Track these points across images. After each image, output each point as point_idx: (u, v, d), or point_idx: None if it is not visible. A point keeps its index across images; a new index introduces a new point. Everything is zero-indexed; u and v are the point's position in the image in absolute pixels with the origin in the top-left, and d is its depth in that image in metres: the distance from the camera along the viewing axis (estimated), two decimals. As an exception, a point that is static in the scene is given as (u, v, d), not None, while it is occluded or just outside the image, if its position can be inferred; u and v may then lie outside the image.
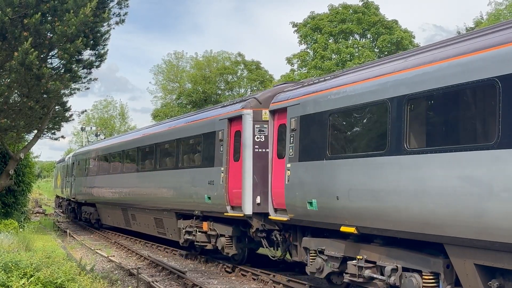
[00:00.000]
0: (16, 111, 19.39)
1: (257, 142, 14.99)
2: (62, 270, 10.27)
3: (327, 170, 11.75)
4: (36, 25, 15.92)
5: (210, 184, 16.49)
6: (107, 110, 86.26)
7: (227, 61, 66.74)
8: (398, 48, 45.44)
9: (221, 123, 16.35)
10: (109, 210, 29.24)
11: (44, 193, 77.39)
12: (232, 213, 15.61)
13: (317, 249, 12.32)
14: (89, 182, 32.24)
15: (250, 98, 15.79)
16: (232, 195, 15.60)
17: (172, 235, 20.65)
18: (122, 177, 26.01)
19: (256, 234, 15.05)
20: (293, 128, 13.07)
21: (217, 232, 16.87)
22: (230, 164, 15.78)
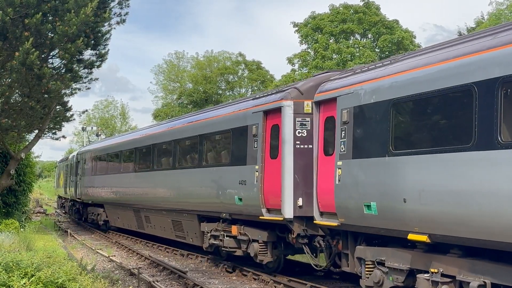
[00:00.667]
0: (17, 111, 19.31)
1: (298, 138, 13.37)
2: (63, 270, 10.22)
3: (390, 168, 10.10)
4: (37, 25, 15.85)
5: (241, 184, 14.91)
6: (108, 110, 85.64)
7: (228, 61, 66.48)
8: (399, 48, 45.26)
9: (255, 116, 14.70)
10: (119, 212, 27.24)
11: (45, 193, 77.37)
12: (268, 217, 14.01)
13: (375, 259, 10.71)
14: (97, 181, 30.21)
15: (290, 88, 14.05)
16: (269, 196, 14.02)
17: (193, 239, 18.98)
18: (134, 177, 24.13)
19: (296, 240, 13.46)
20: (344, 121, 11.53)
21: (249, 237, 15.14)
22: (266, 162, 14.18)
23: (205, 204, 17.35)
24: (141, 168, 23.49)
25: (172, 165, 20.01)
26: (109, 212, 29.20)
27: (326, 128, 12.56)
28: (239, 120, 15.57)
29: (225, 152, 16.44)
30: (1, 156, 25.38)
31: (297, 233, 13.37)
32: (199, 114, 19.61)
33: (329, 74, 13.76)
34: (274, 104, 14.02)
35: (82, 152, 35.87)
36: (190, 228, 19.07)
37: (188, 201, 18.54)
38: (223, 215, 16.11)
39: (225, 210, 16.02)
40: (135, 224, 25.19)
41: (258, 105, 14.79)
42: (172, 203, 19.96)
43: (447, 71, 9.09)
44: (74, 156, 37.71)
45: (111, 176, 27.66)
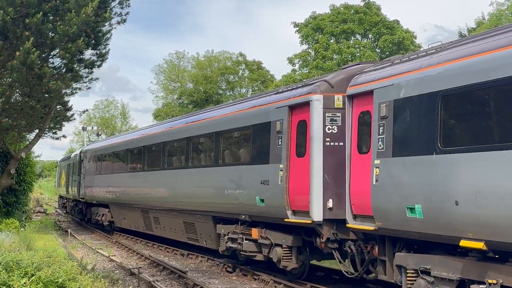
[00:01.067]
0: (18, 110, 19.32)
1: (328, 134, 12.31)
2: (63, 270, 10.18)
3: (438, 167, 9.06)
4: (38, 24, 15.83)
5: (263, 185, 13.84)
6: (108, 109, 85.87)
7: (228, 61, 66.36)
8: (399, 49, 45.28)
9: (279, 112, 13.59)
10: (126, 212, 25.71)
11: (45, 193, 77.35)
12: (294, 219, 12.87)
13: (419, 268, 9.69)
14: (102, 181, 28.61)
15: (319, 81, 12.90)
16: (294, 197, 12.93)
17: (207, 242, 17.76)
18: (143, 176, 22.77)
19: (325, 245, 12.36)
20: (383, 116, 10.55)
21: (271, 241, 13.99)
22: (292, 161, 13.10)
23: (222, 205, 16.19)
24: (151, 167, 22.14)
25: (185, 164, 18.81)
26: (115, 212, 27.78)
27: (360, 124, 11.59)
28: (261, 116, 14.47)
29: (245, 150, 15.35)
30: (1, 156, 25.39)
31: (326, 237, 12.24)
32: (215, 110, 18.38)
33: (361, 66, 12.76)
34: (302, 99, 12.87)
35: (86, 150, 34.02)
36: (204, 230, 17.93)
37: (202, 201, 17.41)
38: (242, 217, 15.01)
39: (244, 211, 14.92)
40: (142, 225, 23.83)
41: (283, 100, 13.71)
42: (184, 203, 18.78)
43: (510, 58, 8.08)
44: (77, 155, 36.07)
45: (118, 175, 26.22)
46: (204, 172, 17.42)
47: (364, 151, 11.39)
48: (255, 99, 15.83)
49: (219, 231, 16.56)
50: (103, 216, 29.21)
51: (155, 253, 21.37)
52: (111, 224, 28.70)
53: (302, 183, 12.64)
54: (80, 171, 33.51)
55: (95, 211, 31.00)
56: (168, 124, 22.02)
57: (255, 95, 17.78)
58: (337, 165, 12.14)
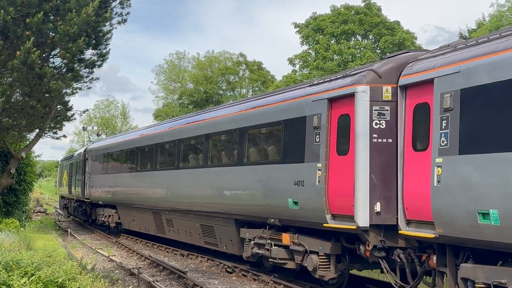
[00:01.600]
0: (18, 110, 19.31)
1: (375, 130, 10.99)
2: (63, 269, 10.15)
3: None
4: (38, 24, 15.82)
5: (297, 185, 12.55)
6: (108, 109, 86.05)
7: (228, 61, 66.32)
8: (400, 49, 45.40)
9: (316, 105, 12.21)
10: (135, 214, 24.05)
11: (45, 193, 77.45)
12: (335, 224, 11.57)
13: (492, 282, 8.45)
14: (109, 180, 27.02)
15: (364, 70, 11.48)
16: (335, 200, 11.63)
17: (228, 247, 16.44)
18: (154, 175, 21.29)
19: (371, 254, 11.04)
20: (447, 108, 9.26)
21: (305, 248, 12.61)
22: (332, 159, 11.79)
23: (247, 208, 14.81)
24: (163, 166, 20.67)
25: (203, 163, 17.44)
26: (123, 213, 26.12)
27: (416, 117, 10.32)
28: (294, 110, 13.09)
29: (274, 147, 14.00)
30: (1, 155, 25.38)
31: (373, 244, 10.92)
32: (238, 105, 16.76)
33: (413, 53, 11.50)
34: (344, 90, 11.51)
35: (91, 149, 32.27)
36: (224, 234, 16.53)
37: (223, 203, 15.99)
38: (271, 221, 13.65)
39: (273, 214, 13.58)
40: (153, 228, 22.22)
41: (320, 92, 12.30)
42: (202, 205, 17.37)
43: None
44: (81, 154, 34.30)
45: (126, 174, 24.68)
46: (226, 172, 16.04)
47: (420, 148, 10.15)
48: (286, 92, 14.40)
49: (243, 236, 15.19)
50: (110, 217, 27.70)
51: (155, 253, 21.32)
52: (118, 226, 27.15)
53: (344, 184, 11.36)
54: (85, 170, 32.04)
55: (100, 212, 29.44)
56: (184, 120, 20.35)
57: (285, 88, 15.87)
58: (386, 164, 10.91)
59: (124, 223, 26.32)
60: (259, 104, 15.04)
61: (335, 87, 11.95)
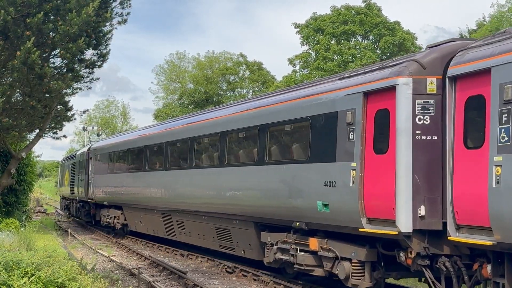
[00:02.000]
0: (18, 110, 19.30)
1: (419, 126, 10.09)
2: (63, 270, 10.15)
3: None
4: (39, 24, 15.82)
5: (327, 186, 11.59)
6: (109, 110, 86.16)
7: (229, 61, 66.33)
8: (400, 50, 45.33)
9: (350, 100, 11.29)
10: (143, 215, 22.94)
11: (46, 193, 77.37)
12: (373, 229, 10.61)
13: None
14: (115, 180, 25.91)
15: (406, 60, 10.57)
16: (372, 202, 10.69)
17: (246, 251, 15.46)
18: (165, 175, 20.23)
19: (414, 261, 10.13)
20: (508, 100, 8.41)
21: (336, 254, 11.64)
22: (369, 158, 10.85)
23: (269, 210, 13.82)
24: (175, 166, 19.65)
25: (219, 163, 16.37)
26: (129, 215, 25.09)
27: (468, 111, 9.40)
28: (323, 105, 12.11)
29: (300, 145, 13.03)
30: (2, 155, 25.36)
31: (416, 251, 10.02)
32: (258, 100, 15.63)
33: (460, 42, 10.60)
34: (383, 83, 10.60)
35: (95, 148, 31.04)
36: (242, 237, 15.53)
37: (241, 205, 14.99)
38: (297, 225, 12.65)
39: (299, 218, 12.58)
40: (163, 230, 21.14)
41: (354, 85, 11.38)
42: (217, 206, 16.33)
43: None
44: (84, 153, 33.02)
45: (134, 174, 23.55)
46: (246, 172, 14.95)
47: (473, 145, 9.26)
48: (313, 86, 13.30)
49: (264, 240, 14.17)
50: (115, 218, 26.60)
51: (155, 253, 21.30)
52: (124, 228, 26.20)
53: (383, 185, 10.43)
54: (89, 170, 30.90)
55: (105, 213, 28.38)
56: (198, 117, 19.06)
57: (312, 82, 14.72)
58: (430, 164, 10.03)
59: (130, 225, 25.35)
60: (283, 100, 13.96)
61: (372, 80, 11.00)
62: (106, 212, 28.11)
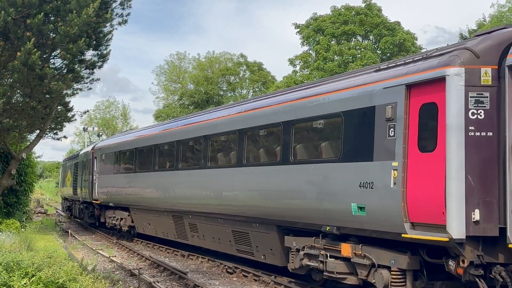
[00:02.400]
0: (19, 111, 19.30)
1: (472, 121, 9.17)
2: (63, 270, 10.16)
3: None
4: (39, 25, 15.82)
5: (363, 188, 10.64)
6: (109, 110, 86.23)
7: (229, 62, 66.37)
8: (400, 50, 45.35)
9: (390, 93, 10.32)
10: (152, 217, 21.93)
11: (46, 193, 77.37)
12: (418, 235, 9.57)
13: None
14: (121, 180, 24.81)
15: (456, 49, 9.65)
16: (417, 205, 9.67)
17: (267, 256, 14.46)
18: (176, 175, 19.14)
19: (465, 271, 9.21)
20: None
21: (372, 261, 10.66)
22: (412, 157, 9.84)
23: (294, 213, 12.79)
24: (187, 166, 18.62)
25: (237, 162, 15.33)
26: (136, 216, 23.97)
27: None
28: (358, 99, 11.16)
29: (330, 143, 12.09)
30: (2, 156, 25.33)
31: (469, 260, 9.09)
32: (282, 95, 14.48)
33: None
34: (430, 74, 9.67)
35: (100, 147, 29.63)
36: (263, 241, 14.53)
37: (263, 207, 13.99)
38: (327, 229, 11.63)
39: (330, 221, 11.62)
40: (173, 233, 20.17)
41: (395, 77, 10.43)
42: (235, 208, 15.32)
43: None
44: (88, 153, 31.62)
45: (142, 174, 22.48)
46: (267, 172, 13.96)
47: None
48: (346, 79, 12.22)
49: (289, 244, 13.19)
50: (122, 220, 25.51)
51: (156, 254, 21.30)
52: (131, 230, 25.11)
53: (430, 187, 9.48)
54: (93, 170, 29.70)
55: (110, 214, 27.22)
56: (213, 115, 17.89)
57: (343, 75, 13.31)
58: (485, 163, 9.16)
59: (138, 227, 24.22)
60: (310, 94, 12.86)
61: (416, 71, 10.03)
62: (112, 213, 27.02)
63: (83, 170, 32.66)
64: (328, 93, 12.16)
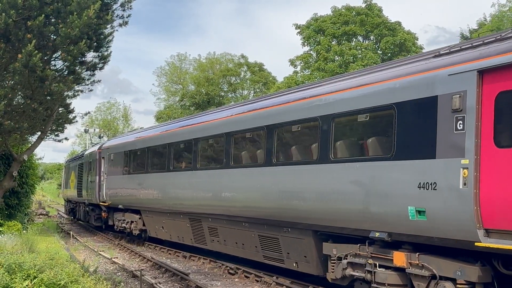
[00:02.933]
0: (20, 113, 19.32)
1: None
2: (65, 272, 10.19)
3: None
4: (40, 27, 15.84)
5: (424, 189, 9.34)
6: (110, 112, 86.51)
7: (230, 63, 66.44)
8: (401, 50, 45.36)
9: (457, 80, 8.99)
10: (166, 220, 20.65)
11: (48, 195, 77.51)
12: (496, 244, 8.30)
13: None
14: (132, 181, 23.44)
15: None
16: (493, 209, 8.40)
17: (300, 264, 13.14)
18: (194, 176, 17.75)
19: None
20: None
21: (433, 272, 9.48)
22: (487, 153, 8.54)
23: (336, 217, 11.44)
24: (207, 165, 17.31)
25: (266, 161, 13.96)
26: (148, 219, 22.62)
27: None
28: (415, 88, 9.79)
29: (380, 139, 10.71)
30: (3, 158, 25.33)
31: None
32: (318, 87, 12.93)
33: None
34: (509, 57, 8.32)
35: (108, 146, 28.03)
36: (295, 248, 13.23)
37: (296, 209, 12.58)
38: (376, 235, 10.40)
39: (379, 226, 10.34)
40: (190, 237, 18.90)
41: (463, 63, 9.11)
42: (262, 211, 13.99)
43: None
44: (95, 153, 30.02)
45: (155, 175, 21.09)
46: (301, 171, 12.60)
47: None
48: (398, 66, 10.82)
49: (328, 252, 11.98)
50: (132, 223, 24.23)
51: (157, 255, 21.30)
52: (142, 233, 23.89)
53: (508, 187, 8.24)
54: (100, 171, 28.25)
55: (119, 217, 25.81)
56: (235, 110, 16.40)
57: (395, 62, 11.62)
58: None
59: (150, 231, 22.88)
60: (352, 85, 11.52)
61: (489, 54, 8.69)
62: (121, 216, 25.60)
63: (89, 171, 31.34)
64: (376, 83, 10.78)
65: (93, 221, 31.13)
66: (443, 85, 9.26)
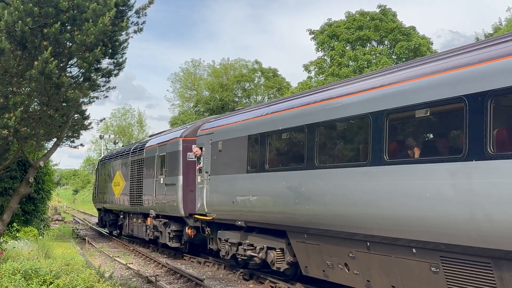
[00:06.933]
0: (36, 119, 19.46)
1: None
2: (81, 278, 10.26)
3: None
4: (56, 34, 15.90)
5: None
6: (125, 118, 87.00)
7: (244, 68, 66.58)
8: (416, 55, 45.14)
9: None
10: (359, 254, 10.99)
11: (63, 201, 78.04)
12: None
13: None
14: (271, 184, 13.98)
15: None
16: None
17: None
18: (383, 174, 10.07)
19: None
20: None
21: None
22: None
23: None
24: (402, 158, 9.95)
25: None
26: (308, 249, 12.95)
27: None
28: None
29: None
30: (20, 165, 25.51)
31: None
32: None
33: None
34: None
35: (212, 131, 18.12)
36: None
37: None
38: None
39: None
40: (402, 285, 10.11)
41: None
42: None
43: None
44: (176, 142, 21.48)
45: (332, 172, 11.73)
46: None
47: None
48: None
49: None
50: (269, 253, 14.70)
51: (172, 261, 21.38)
52: (293, 267, 14.30)
53: None
54: (187, 168, 20.46)
55: (235, 239, 16.44)
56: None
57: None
58: None
59: (309, 268, 13.18)
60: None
61: None
62: (239, 238, 16.23)
63: (162, 169, 22.78)
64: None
65: (168, 240, 21.90)
66: None
